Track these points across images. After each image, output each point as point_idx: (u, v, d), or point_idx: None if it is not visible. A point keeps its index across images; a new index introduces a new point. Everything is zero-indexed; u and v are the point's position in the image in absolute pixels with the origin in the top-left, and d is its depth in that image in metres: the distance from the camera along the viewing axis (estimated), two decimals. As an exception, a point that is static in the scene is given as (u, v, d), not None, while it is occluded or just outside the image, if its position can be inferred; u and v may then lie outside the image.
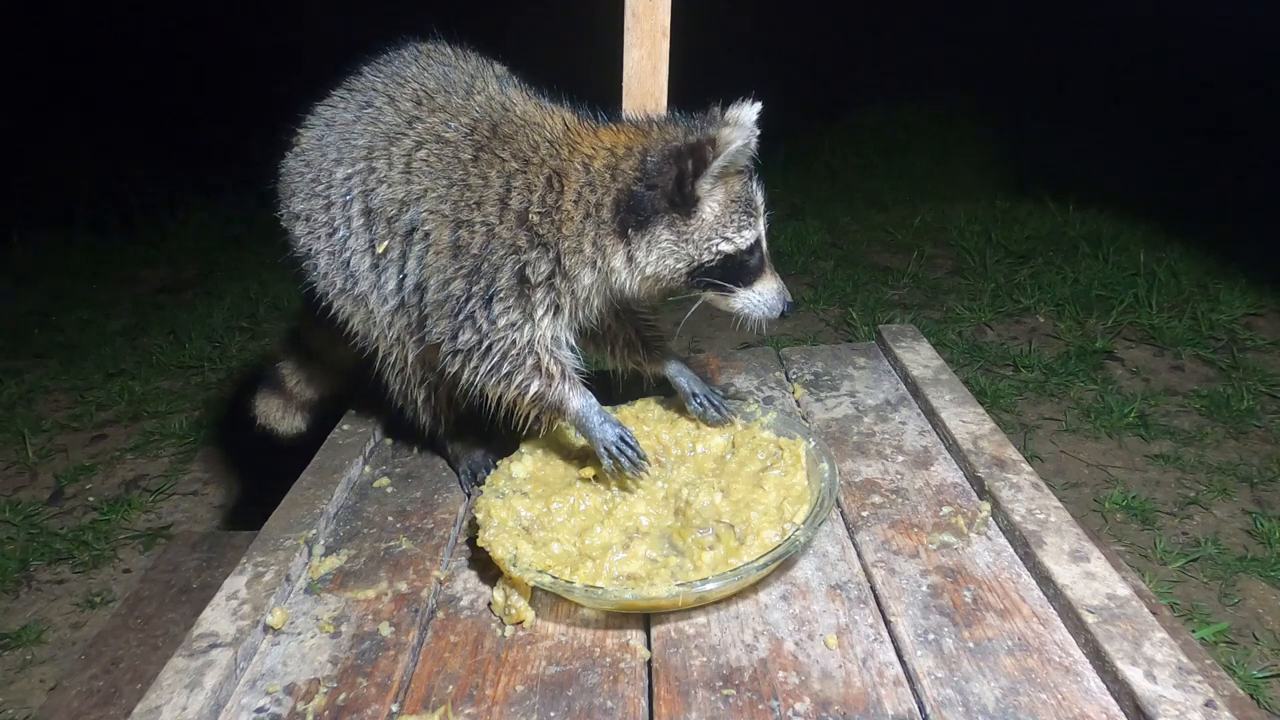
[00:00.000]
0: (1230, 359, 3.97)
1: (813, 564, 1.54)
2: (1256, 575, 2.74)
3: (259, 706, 1.30)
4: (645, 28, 1.93)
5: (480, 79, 1.75)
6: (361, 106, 1.78)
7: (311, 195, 1.80)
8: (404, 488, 1.88)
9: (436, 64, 1.79)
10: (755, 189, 1.61)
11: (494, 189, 1.57)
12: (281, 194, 1.87)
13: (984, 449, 1.77)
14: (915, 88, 7.78)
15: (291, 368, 2.30)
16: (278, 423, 2.33)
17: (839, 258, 5.50)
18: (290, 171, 1.85)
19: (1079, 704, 1.20)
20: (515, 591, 1.44)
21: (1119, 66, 7.50)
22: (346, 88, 1.84)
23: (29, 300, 5.56)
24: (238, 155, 7.10)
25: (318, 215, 1.79)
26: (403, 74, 1.78)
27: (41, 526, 3.34)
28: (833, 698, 1.24)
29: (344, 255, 1.76)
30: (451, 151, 1.63)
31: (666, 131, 1.58)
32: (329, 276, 1.80)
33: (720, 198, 1.55)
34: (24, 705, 2.53)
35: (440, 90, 1.72)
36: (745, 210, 1.57)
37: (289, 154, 1.86)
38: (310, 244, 1.81)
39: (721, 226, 1.55)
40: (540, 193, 1.55)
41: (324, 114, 1.84)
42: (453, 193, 1.60)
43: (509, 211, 1.56)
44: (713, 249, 1.55)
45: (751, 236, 1.57)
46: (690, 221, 1.54)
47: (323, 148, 1.79)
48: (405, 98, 1.73)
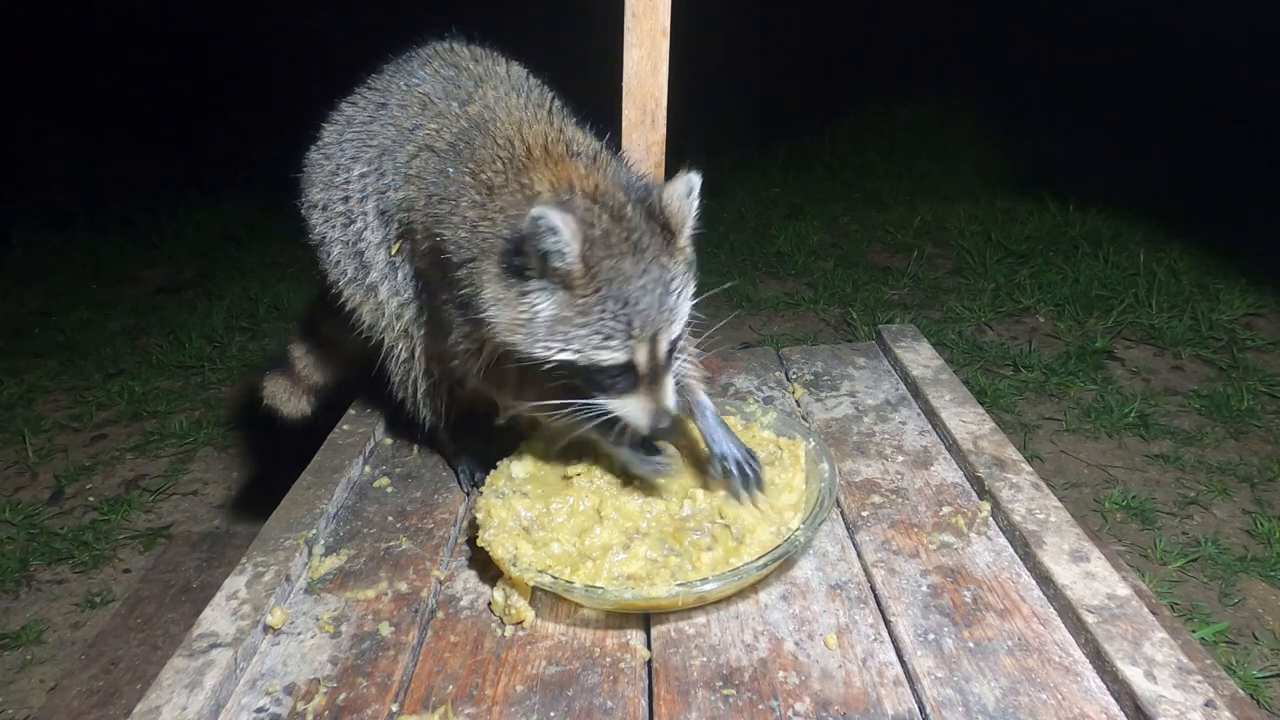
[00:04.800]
0: (1230, 359, 3.97)
1: (813, 564, 1.53)
2: (1256, 575, 2.73)
3: (259, 706, 1.30)
4: (645, 28, 1.93)
5: (485, 85, 1.71)
6: (377, 107, 1.82)
7: (330, 186, 1.84)
8: (404, 488, 1.88)
9: (447, 67, 1.80)
10: (643, 299, 1.30)
11: (456, 202, 1.50)
12: (303, 183, 1.92)
13: (984, 449, 1.77)
14: (915, 88, 7.78)
15: (302, 351, 2.33)
16: (283, 404, 2.35)
17: (839, 258, 5.49)
18: (312, 163, 1.91)
19: (1079, 704, 1.20)
20: (515, 591, 1.44)
21: (1120, 66, 7.50)
22: (368, 86, 1.90)
23: (29, 300, 5.56)
24: (238, 156, 7.13)
25: (335, 205, 1.83)
26: (415, 76, 1.80)
27: (41, 526, 3.33)
28: (833, 698, 1.24)
29: (358, 246, 1.79)
30: (436, 163, 1.60)
31: (594, 177, 1.41)
32: (341, 265, 1.84)
33: (560, 300, 1.32)
34: (24, 705, 2.53)
35: (442, 97, 1.72)
36: (615, 322, 1.31)
37: (313, 147, 1.92)
38: (326, 232, 1.85)
39: (560, 330, 1.33)
40: (477, 209, 1.46)
41: (346, 111, 1.90)
42: (431, 204, 1.57)
43: (465, 223, 1.48)
44: (549, 352, 1.34)
45: (613, 358, 1.33)
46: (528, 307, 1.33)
47: (342, 144, 1.84)
48: (413, 103, 1.75)
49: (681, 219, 1.36)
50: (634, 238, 1.33)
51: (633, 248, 1.32)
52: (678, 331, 1.40)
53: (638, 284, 1.31)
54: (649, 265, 1.32)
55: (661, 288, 1.33)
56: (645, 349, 1.34)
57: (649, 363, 1.36)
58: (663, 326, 1.35)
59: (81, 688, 2.37)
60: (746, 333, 4.60)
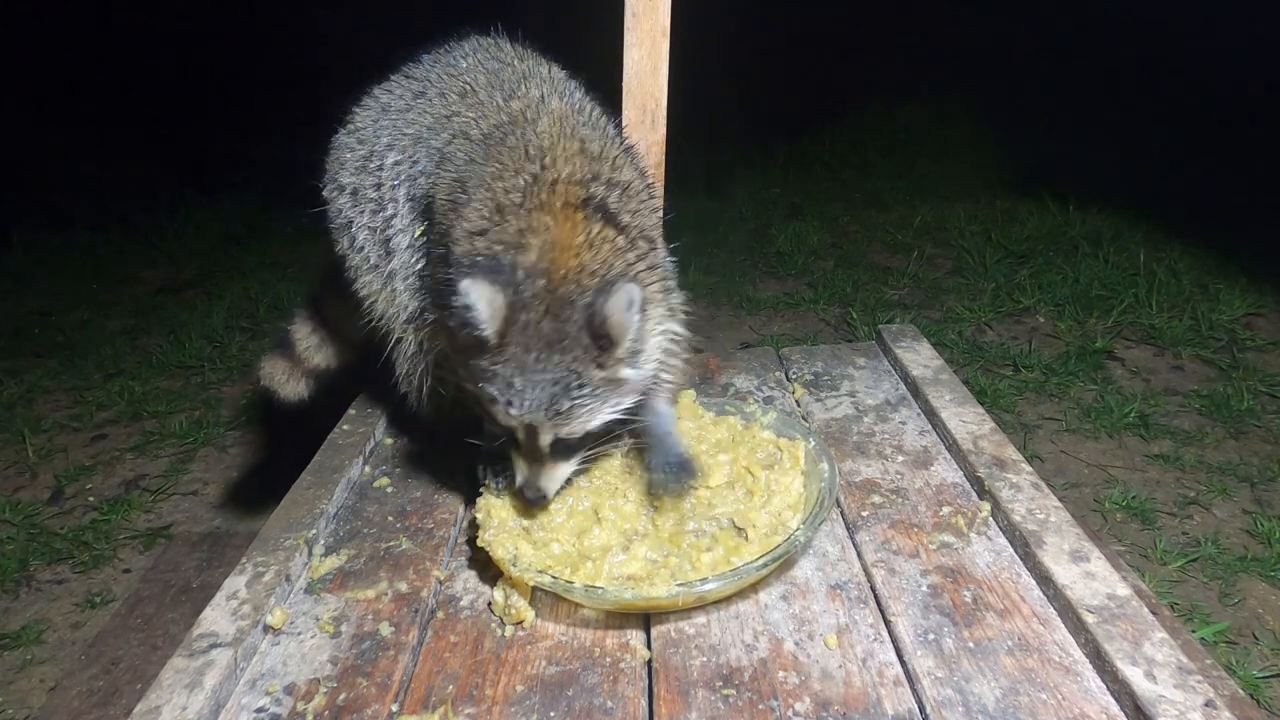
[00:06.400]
0: (1230, 359, 3.97)
1: (813, 564, 1.53)
2: (1256, 575, 2.73)
3: (259, 706, 1.30)
4: (645, 28, 1.93)
5: (529, 83, 1.70)
6: (415, 95, 1.82)
7: (363, 170, 1.84)
8: (404, 488, 1.88)
9: (491, 59, 1.80)
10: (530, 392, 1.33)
11: (470, 199, 1.49)
12: (329, 167, 1.92)
13: (984, 449, 1.77)
14: (915, 88, 7.79)
15: (305, 332, 2.31)
16: (280, 385, 2.32)
17: (839, 258, 5.49)
18: (342, 147, 1.91)
19: (1079, 704, 1.20)
20: (515, 591, 1.44)
21: (1120, 66, 7.50)
22: (405, 74, 1.90)
23: (29, 300, 5.56)
24: (238, 156, 7.13)
25: (367, 191, 1.83)
26: (457, 66, 1.81)
27: (41, 526, 3.33)
28: (833, 698, 1.24)
29: (386, 233, 1.79)
30: (467, 149, 1.60)
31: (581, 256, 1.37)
32: (364, 250, 1.84)
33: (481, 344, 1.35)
34: (24, 705, 2.53)
35: (486, 87, 1.72)
36: (500, 395, 1.35)
37: (341, 131, 1.92)
38: (353, 216, 1.85)
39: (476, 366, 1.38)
40: (484, 221, 1.44)
41: (381, 98, 1.90)
42: (454, 189, 1.57)
43: (469, 228, 1.47)
44: (465, 380, 1.42)
45: (497, 419, 1.39)
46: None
47: (377, 130, 1.84)
48: (453, 91, 1.75)
49: (620, 332, 1.30)
50: (555, 337, 1.32)
51: (546, 345, 1.31)
52: (571, 435, 1.39)
53: (529, 377, 1.32)
54: (553, 365, 1.32)
55: (558, 389, 1.32)
56: (523, 431, 1.38)
57: (527, 443, 1.40)
58: (542, 424, 1.35)
59: (81, 688, 2.37)
60: (746, 333, 4.60)
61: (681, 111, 2.18)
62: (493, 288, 1.29)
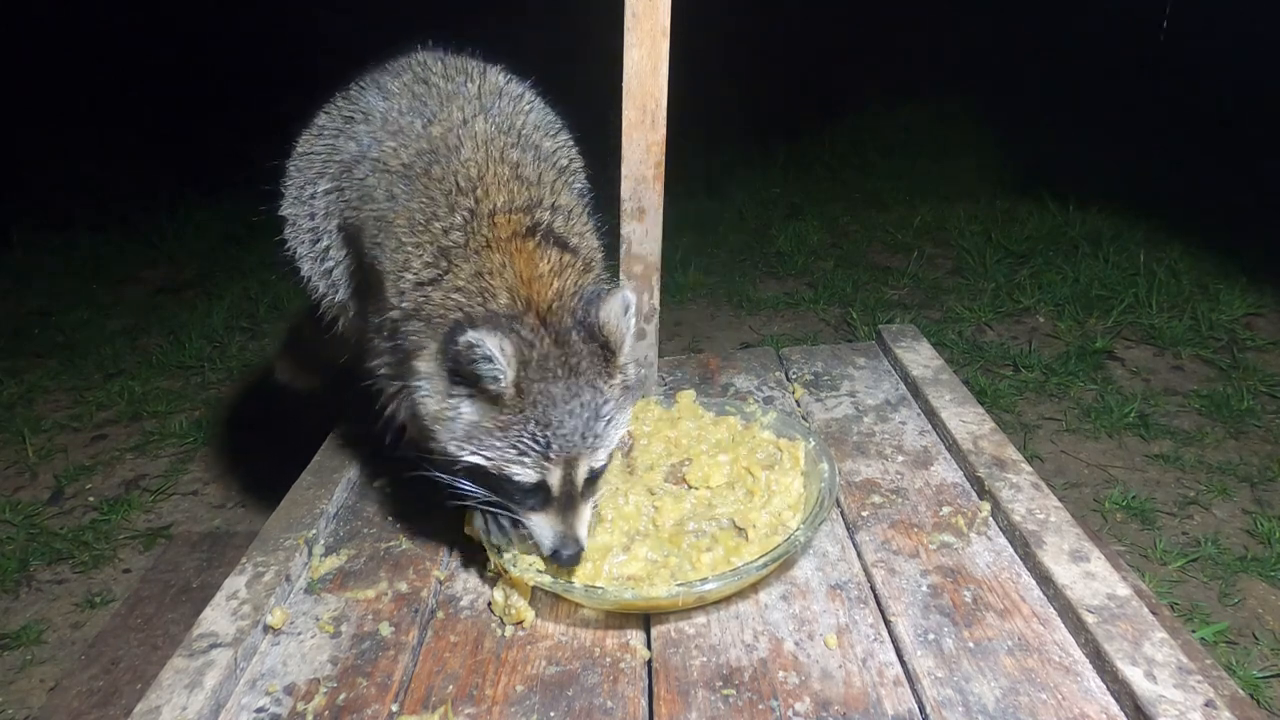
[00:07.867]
0: (1230, 359, 3.97)
1: (813, 564, 1.53)
2: (1256, 575, 2.73)
3: (259, 706, 1.30)
4: (645, 28, 1.93)
5: (451, 105, 1.60)
6: (346, 120, 1.74)
7: (299, 201, 1.78)
8: (404, 488, 1.88)
9: (418, 81, 1.70)
10: (567, 423, 1.27)
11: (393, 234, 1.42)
12: (280, 193, 1.87)
13: (984, 449, 1.77)
14: (915, 88, 7.79)
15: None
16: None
17: (839, 258, 5.49)
18: (287, 173, 1.85)
19: (1079, 704, 1.20)
20: (515, 591, 1.44)
21: (1120, 66, 7.50)
22: (343, 97, 1.81)
23: (29, 300, 5.56)
24: (238, 156, 7.11)
25: (302, 222, 1.78)
26: (386, 90, 1.70)
27: (41, 526, 3.33)
28: (833, 698, 1.24)
29: (325, 264, 1.75)
30: (387, 183, 1.51)
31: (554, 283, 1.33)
32: (313, 282, 1.81)
33: (483, 409, 1.29)
34: (24, 705, 2.53)
35: (408, 112, 1.61)
36: (532, 442, 1.28)
37: (291, 155, 1.86)
38: (295, 248, 1.81)
39: (477, 437, 1.29)
40: (430, 270, 1.37)
41: (319, 121, 1.83)
42: (379, 226, 1.49)
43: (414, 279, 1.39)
44: (462, 453, 1.31)
45: (524, 475, 1.30)
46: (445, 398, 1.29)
47: (310, 157, 1.78)
48: (377, 117, 1.65)
49: (619, 338, 1.30)
50: (571, 361, 1.28)
51: (569, 371, 1.28)
52: (602, 460, 1.35)
53: (564, 408, 1.27)
54: (581, 389, 1.28)
55: (590, 413, 1.29)
56: (559, 473, 1.31)
57: (563, 487, 1.33)
58: (583, 453, 1.31)
59: (81, 688, 2.37)
60: (746, 333, 4.60)
61: (681, 111, 2.18)
62: (497, 334, 1.22)
